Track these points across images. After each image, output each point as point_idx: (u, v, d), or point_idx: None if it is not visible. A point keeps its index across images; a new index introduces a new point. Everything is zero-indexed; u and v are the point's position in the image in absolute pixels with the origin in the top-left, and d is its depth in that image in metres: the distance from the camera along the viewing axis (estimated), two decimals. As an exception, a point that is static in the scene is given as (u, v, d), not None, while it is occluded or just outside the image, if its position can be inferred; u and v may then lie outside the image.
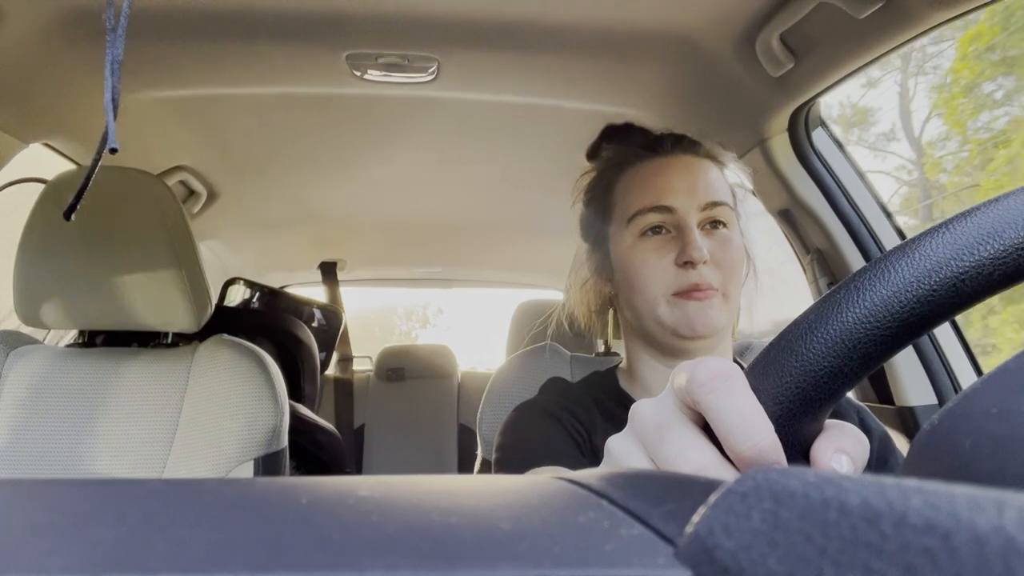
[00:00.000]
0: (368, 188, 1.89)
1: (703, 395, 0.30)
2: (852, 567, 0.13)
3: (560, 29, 1.07)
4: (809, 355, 0.29)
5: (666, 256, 0.80)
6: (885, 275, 0.29)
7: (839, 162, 1.26)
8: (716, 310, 0.78)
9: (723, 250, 0.81)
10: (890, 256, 0.30)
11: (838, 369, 0.29)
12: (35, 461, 1.03)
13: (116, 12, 0.46)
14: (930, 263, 0.29)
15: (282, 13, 1.03)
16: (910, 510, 0.14)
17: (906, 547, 0.13)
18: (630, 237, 0.83)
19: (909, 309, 0.28)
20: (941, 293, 0.28)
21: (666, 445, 0.31)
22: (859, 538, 0.14)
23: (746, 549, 0.16)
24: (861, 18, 0.90)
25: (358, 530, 0.18)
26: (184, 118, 1.41)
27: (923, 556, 0.13)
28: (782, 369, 0.30)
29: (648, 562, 0.17)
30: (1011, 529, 0.12)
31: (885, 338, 0.29)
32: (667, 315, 0.80)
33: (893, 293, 0.29)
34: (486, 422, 1.08)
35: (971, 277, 0.28)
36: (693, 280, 0.78)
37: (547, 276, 2.76)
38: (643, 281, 0.81)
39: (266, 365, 1.11)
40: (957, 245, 0.28)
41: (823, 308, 0.30)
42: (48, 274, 1.02)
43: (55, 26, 1.02)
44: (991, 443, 0.22)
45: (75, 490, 0.23)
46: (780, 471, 0.18)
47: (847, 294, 0.30)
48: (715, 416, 0.30)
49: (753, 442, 0.29)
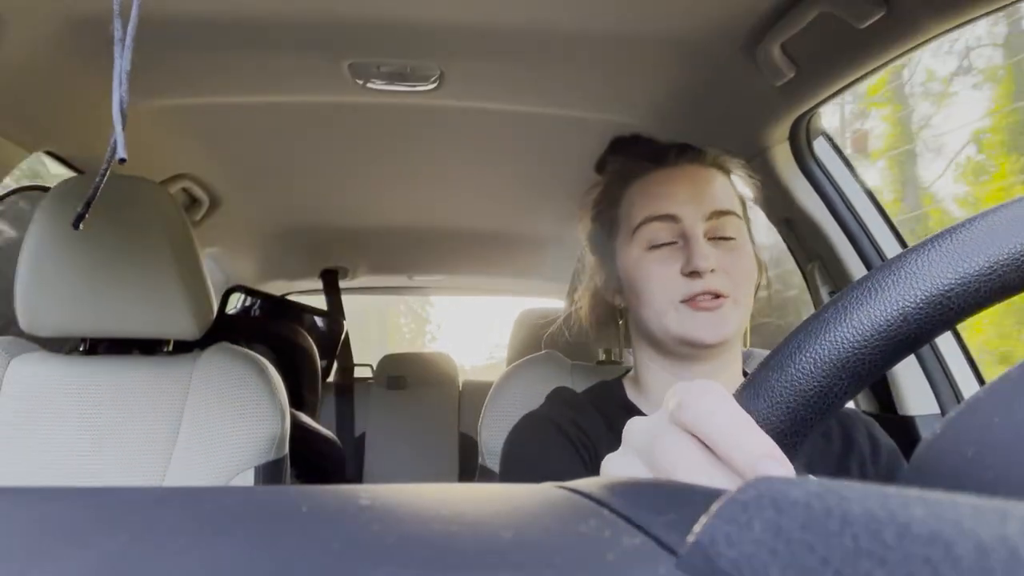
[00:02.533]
0: (370, 196, 1.89)
1: (693, 418, 0.31)
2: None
3: (562, 39, 1.08)
4: (798, 375, 0.30)
5: (672, 266, 0.80)
6: (871, 293, 0.29)
7: (840, 171, 1.27)
8: (725, 319, 0.78)
9: (731, 260, 0.80)
10: (876, 274, 0.30)
11: (828, 389, 0.29)
12: (36, 469, 1.03)
13: (124, 22, 0.46)
14: (915, 280, 0.29)
15: (284, 22, 1.03)
16: (913, 520, 0.14)
17: (909, 557, 0.13)
18: (636, 249, 0.83)
19: (896, 327, 0.28)
20: (928, 310, 0.28)
21: (661, 455, 0.31)
22: (861, 548, 0.14)
23: (748, 559, 0.16)
24: (862, 28, 0.90)
25: (359, 539, 0.18)
26: (186, 126, 1.42)
27: (926, 566, 0.13)
28: (772, 390, 0.30)
29: (649, 571, 0.17)
30: (1014, 539, 0.12)
31: (874, 356, 0.29)
32: (675, 324, 0.79)
33: (880, 311, 0.29)
34: (487, 430, 1.08)
35: (957, 294, 0.28)
36: (699, 289, 0.78)
37: (548, 285, 2.76)
38: (650, 292, 0.81)
39: (267, 373, 1.11)
40: (942, 261, 0.28)
41: (811, 327, 0.30)
42: (50, 282, 1.02)
43: (58, 34, 1.03)
44: (994, 452, 0.22)
45: (76, 498, 0.23)
46: (782, 481, 0.18)
47: (834, 313, 0.30)
48: (708, 435, 0.30)
49: (749, 453, 0.29)
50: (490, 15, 1.01)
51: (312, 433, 1.85)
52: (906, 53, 0.94)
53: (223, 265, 2.29)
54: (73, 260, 1.03)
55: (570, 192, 1.77)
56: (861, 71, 1.00)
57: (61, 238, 1.03)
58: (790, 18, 0.96)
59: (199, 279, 1.09)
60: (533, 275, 2.66)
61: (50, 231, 1.03)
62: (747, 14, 1.00)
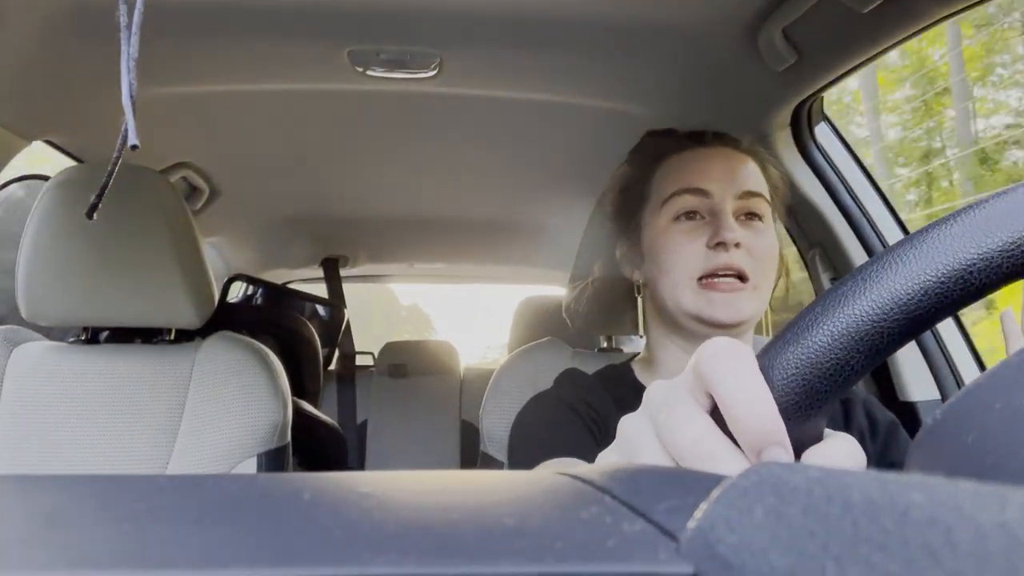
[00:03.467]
0: (370, 184, 1.89)
1: (710, 368, 0.30)
2: (854, 562, 0.13)
3: (562, 25, 1.07)
4: (815, 348, 0.29)
5: (698, 239, 0.80)
6: (892, 267, 0.29)
7: (842, 157, 1.26)
8: (744, 301, 0.78)
9: (757, 240, 0.80)
10: (897, 248, 0.29)
11: (844, 362, 0.29)
12: (38, 457, 1.03)
13: (130, 9, 0.46)
14: (937, 254, 0.28)
15: (283, 9, 1.03)
16: (912, 505, 0.14)
17: (908, 542, 0.13)
18: (664, 220, 0.83)
19: (916, 301, 0.28)
20: (949, 285, 0.28)
21: (667, 418, 0.31)
22: (861, 533, 0.14)
23: (748, 544, 0.16)
24: (864, 12, 0.90)
25: (361, 526, 0.18)
26: (186, 115, 1.41)
27: (925, 551, 0.13)
28: (788, 362, 0.30)
29: (650, 557, 0.17)
30: (1013, 524, 0.12)
31: (892, 331, 0.28)
32: (691, 301, 0.79)
33: (900, 285, 0.28)
34: (489, 418, 1.08)
35: (979, 268, 0.28)
36: (723, 261, 0.77)
37: (549, 272, 2.76)
38: (672, 263, 0.81)
39: (269, 361, 1.12)
40: (964, 236, 0.28)
41: (829, 300, 0.30)
42: (51, 271, 1.02)
43: (58, 22, 1.02)
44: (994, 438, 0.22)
45: (78, 487, 0.23)
46: (783, 466, 0.18)
47: (853, 286, 0.29)
48: (720, 390, 0.29)
49: (756, 418, 0.28)
50: (490, 2, 1.01)
51: (314, 421, 1.86)
52: (908, 38, 0.93)
53: (224, 254, 2.29)
54: (74, 249, 1.03)
55: (571, 179, 1.77)
56: (863, 56, 0.99)
57: (62, 227, 1.03)
58: (792, 3, 0.96)
59: (200, 268, 1.09)
60: (534, 263, 2.66)
61: (51, 220, 1.03)
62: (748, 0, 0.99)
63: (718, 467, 0.29)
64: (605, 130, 1.40)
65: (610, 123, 1.38)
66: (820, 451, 0.30)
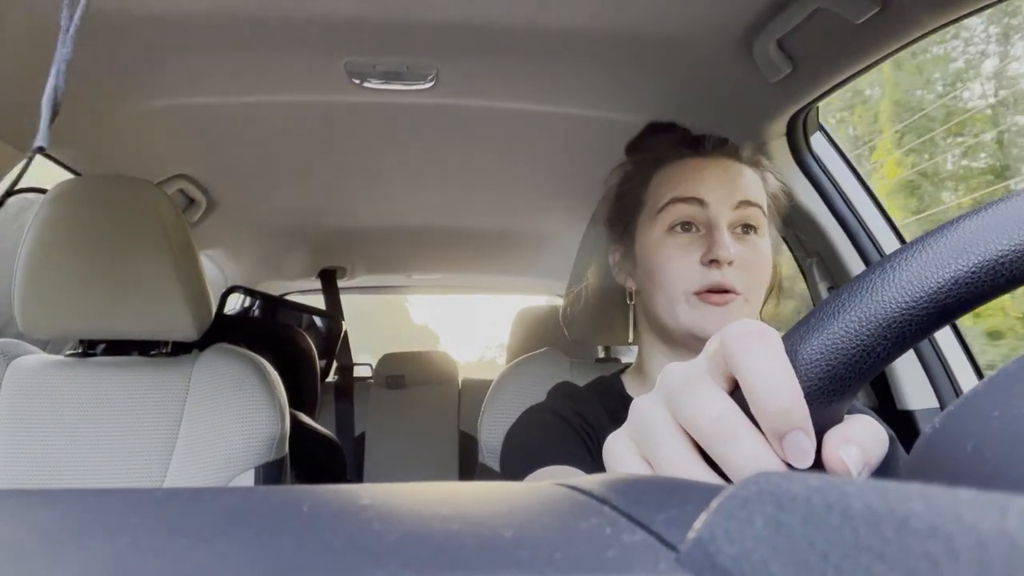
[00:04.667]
0: (368, 196, 1.89)
1: (736, 347, 0.29)
2: (854, 572, 0.13)
3: (558, 36, 1.08)
4: (841, 333, 0.29)
5: (692, 254, 0.80)
6: (922, 254, 0.28)
7: (838, 166, 1.27)
8: (734, 315, 0.78)
9: (751, 254, 0.80)
10: (928, 237, 0.29)
11: (870, 348, 0.28)
12: (35, 471, 1.03)
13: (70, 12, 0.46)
14: (969, 243, 0.28)
15: (280, 21, 1.03)
16: (912, 514, 0.14)
17: (908, 551, 0.13)
18: (659, 230, 0.83)
19: (947, 290, 0.28)
20: (980, 275, 0.27)
21: (688, 397, 0.31)
22: (861, 542, 0.14)
23: (748, 554, 0.16)
24: (858, 23, 0.90)
25: (360, 538, 0.18)
26: (182, 127, 1.41)
27: (925, 560, 0.13)
28: (812, 346, 0.29)
29: (650, 568, 0.17)
30: (1014, 532, 0.12)
31: (920, 318, 0.28)
32: (686, 315, 0.79)
33: (931, 273, 0.28)
34: (487, 428, 1.08)
35: (1011, 260, 0.27)
36: (716, 280, 0.77)
37: (547, 283, 2.76)
38: (666, 277, 0.81)
39: (266, 373, 1.11)
40: (997, 227, 0.28)
41: (857, 286, 0.29)
42: (48, 283, 1.02)
43: (53, 35, 1.02)
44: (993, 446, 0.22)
45: (75, 500, 0.23)
46: (782, 476, 0.18)
47: (882, 273, 0.29)
48: (744, 370, 0.29)
49: (780, 399, 0.28)
50: (486, 14, 1.01)
51: (312, 433, 1.85)
52: (902, 48, 0.94)
53: (221, 266, 2.29)
54: (71, 262, 1.03)
55: (568, 189, 1.77)
56: (857, 66, 1.00)
57: (59, 240, 1.02)
58: (786, 14, 0.96)
59: (197, 280, 1.09)
60: (531, 273, 2.66)
61: (48, 233, 1.03)
62: (743, 11, 1.00)
63: (739, 447, 0.28)
64: (602, 140, 1.40)
65: (607, 133, 1.38)
66: (842, 432, 0.30)
